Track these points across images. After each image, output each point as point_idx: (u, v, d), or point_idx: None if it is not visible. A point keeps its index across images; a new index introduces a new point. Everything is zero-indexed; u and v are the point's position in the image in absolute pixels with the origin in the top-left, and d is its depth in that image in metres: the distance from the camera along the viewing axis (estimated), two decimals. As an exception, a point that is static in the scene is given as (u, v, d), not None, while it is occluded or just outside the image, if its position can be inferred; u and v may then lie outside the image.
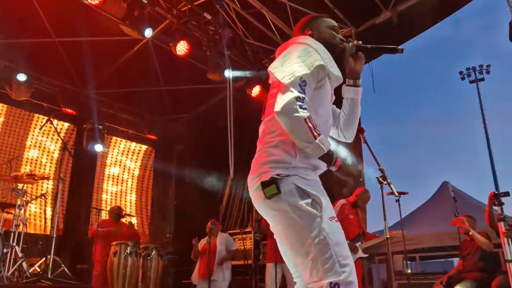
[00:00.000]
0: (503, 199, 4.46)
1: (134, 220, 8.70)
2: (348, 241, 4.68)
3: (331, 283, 1.58)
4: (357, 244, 4.69)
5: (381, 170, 2.85)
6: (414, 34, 7.40)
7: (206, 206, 8.71)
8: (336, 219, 1.78)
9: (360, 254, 4.66)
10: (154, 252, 6.09)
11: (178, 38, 5.99)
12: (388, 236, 2.72)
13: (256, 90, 7.43)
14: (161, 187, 9.47)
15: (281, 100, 1.72)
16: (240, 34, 7.43)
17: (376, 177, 2.85)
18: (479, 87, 23.98)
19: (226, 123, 7.71)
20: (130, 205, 9.01)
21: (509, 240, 4.16)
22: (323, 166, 1.83)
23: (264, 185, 1.69)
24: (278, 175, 1.70)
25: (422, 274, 5.69)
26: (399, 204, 4.62)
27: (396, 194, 2.80)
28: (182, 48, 6.05)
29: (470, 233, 4.81)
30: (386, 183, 2.80)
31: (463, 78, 26.13)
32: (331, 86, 1.95)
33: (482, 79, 25.08)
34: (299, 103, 1.69)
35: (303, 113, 1.68)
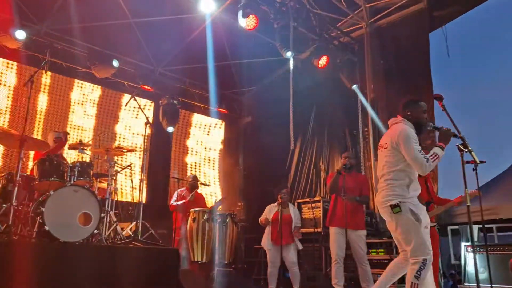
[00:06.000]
0: None
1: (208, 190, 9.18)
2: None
3: (424, 259, 3.03)
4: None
5: (462, 138, 2.83)
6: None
7: (274, 176, 8.96)
8: (428, 227, 3.18)
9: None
10: (229, 219, 6.45)
11: (247, 13, 6.09)
12: (469, 204, 2.73)
13: (323, 61, 7.38)
14: (231, 158, 9.85)
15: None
16: (305, 4, 7.38)
17: (456, 145, 2.82)
18: None
19: (292, 94, 7.78)
20: (204, 176, 9.51)
21: None
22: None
23: (392, 206, 3.14)
24: (400, 201, 3.12)
25: (500, 246, 5.51)
26: (476, 173, 4.49)
27: (478, 161, 2.77)
28: (251, 22, 6.16)
29: None
30: (467, 150, 2.78)
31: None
32: None
33: None
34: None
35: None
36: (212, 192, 9.58)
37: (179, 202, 6.45)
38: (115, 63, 7.43)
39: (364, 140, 7.89)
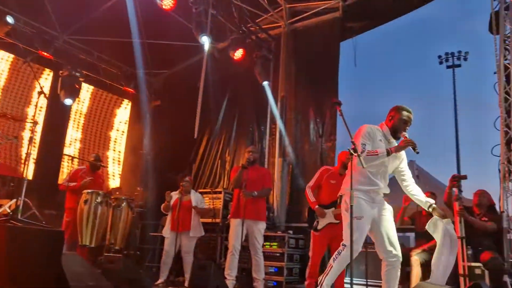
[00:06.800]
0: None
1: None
2: (318, 206, 4.82)
3: (343, 244, 3.29)
4: (330, 210, 4.80)
5: (353, 143, 3.02)
6: (405, 11, 7.48)
7: (178, 163, 8.81)
8: (358, 218, 3.23)
9: (331, 219, 4.77)
10: (124, 203, 6.17)
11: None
12: (352, 204, 2.91)
13: (238, 53, 7.40)
14: (134, 141, 9.44)
15: None
16: (228, -7, 7.32)
17: (348, 149, 2.99)
18: (455, 73, 24.43)
19: (204, 83, 7.71)
20: (103, 157, 8.98)
21: (462, 218, 4.51)
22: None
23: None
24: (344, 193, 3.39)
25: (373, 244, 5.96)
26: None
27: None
28: (168, 2, 5.94)
29: None
30: (356, 155, 2.95)
31: (441, 62, 26.55)
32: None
33: (459, 65, 25.54)
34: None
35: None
36: (110, 174, 9.12)
37: (71, 184, 6.03)
38: (10, 19, 6.63)
39: (270, 136, 8.10)
